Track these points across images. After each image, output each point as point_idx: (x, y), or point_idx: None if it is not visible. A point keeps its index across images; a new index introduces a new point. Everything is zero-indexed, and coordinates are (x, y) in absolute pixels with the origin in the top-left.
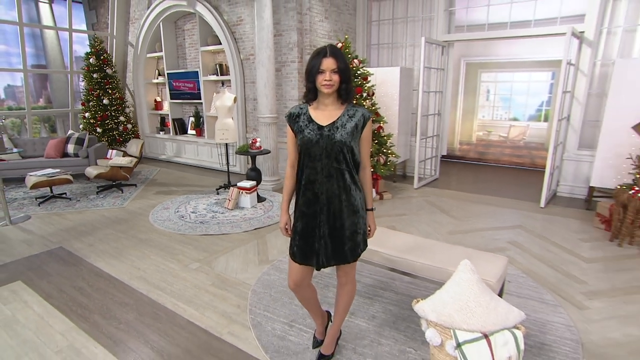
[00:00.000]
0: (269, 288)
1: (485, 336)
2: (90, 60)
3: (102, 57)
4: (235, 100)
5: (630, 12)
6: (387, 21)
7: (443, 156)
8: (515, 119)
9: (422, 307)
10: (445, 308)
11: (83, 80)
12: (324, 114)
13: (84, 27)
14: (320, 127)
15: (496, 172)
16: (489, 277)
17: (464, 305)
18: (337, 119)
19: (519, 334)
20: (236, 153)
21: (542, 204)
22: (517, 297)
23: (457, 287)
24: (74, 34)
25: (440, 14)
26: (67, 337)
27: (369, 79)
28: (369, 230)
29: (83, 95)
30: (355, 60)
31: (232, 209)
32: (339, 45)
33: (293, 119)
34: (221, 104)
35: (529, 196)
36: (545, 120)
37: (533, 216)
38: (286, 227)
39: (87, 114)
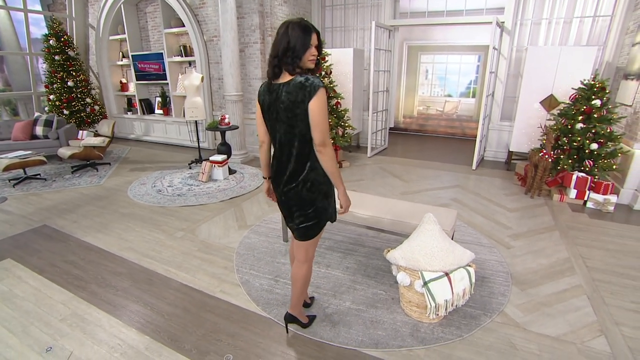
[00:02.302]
0: (251, 250)
1: (446, 274)
2: (50, 42)
3: (62, 39)
4: (202, 79)
5: (537, 8)
6: (339, 6)
7: (390, 128)
8: (449, 96)
9: (393, 255)
10: (413, 254)
11: (44, 63)
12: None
13: (38, 7)
14: None
15: (434, 141)
16: (445, 226)
17: (429, 251)
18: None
19: (472, 270)
20: (206, 129)
21: (474, 167)
22: (462, 242)
23: (422, 236)
24: (29, 15)
25: (387, 1)
26: (69, 306)
27: (327, 59)
28: None
29: (46, 77)
30: None
31: (206, 182)
32: None
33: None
34: (189, 83)
35: (463, 161)
36: (473, 96)
37: (467, 177)
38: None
39: (51, 97)
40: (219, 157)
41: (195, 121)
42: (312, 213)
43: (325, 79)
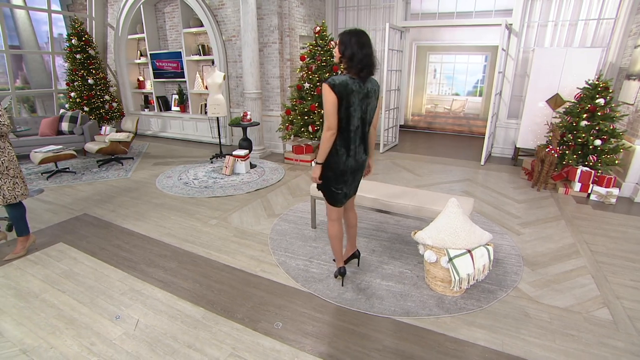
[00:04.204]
0: (283, 235)
1: (469, 251)
2: (72, 41)
3: (83, 39)
4: (224, 77)
5: (544, 10)
6: (352, 7)
7: (400, 126)
8: (456, 94)
9: (421, 236)
10: (439, 234)
11: (66, 61)
12: None
13: (57, 7)
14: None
15: (442, 138)
16: (465, 211)
17: (453, 231)
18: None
19: (490, 249)
20: (229, 125)
21: (482, 162)
22: None
23: (447, 218)
24: (44, 14)
25: (399, 3)
26: (125, 282)
27: None
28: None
29: (67, 75)
30: (332, 42)
31: (229, 175)
32: (318, 29)
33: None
34: (212, 81)
35: (471, 156)
36: (480, 95)
37: (476, 172)
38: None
39: (72, 94)
40: (242, 152)
41: (217, 117)
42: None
43: None
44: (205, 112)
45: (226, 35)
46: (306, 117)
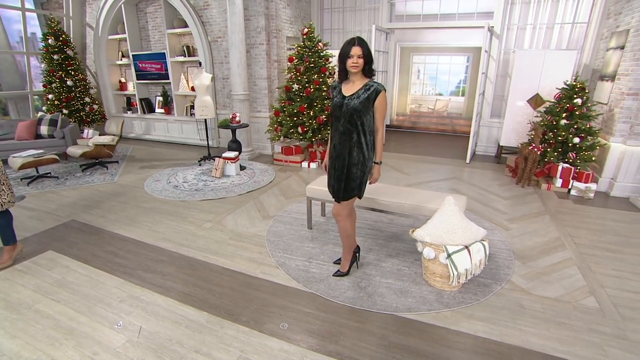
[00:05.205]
0: (280, 237)
1: (466, 247)
2: (49, 41)
3: (61, 38)
4: (212, 79)
5: (522, 13)
6: (338, 9)
7: (385, 125)
8: (440, 94)
9: (419, 233)
10: (437, 231)
11: (43, 62)
12: (351, 87)
13: (30, 5)
14: (343, 97)
15: (427, 137)
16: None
17: (451, 228)
18: (356, 91)
19: (486, 244)
20: (218, 127)
21: (468, 160)
22: None
23: (444, 216)
24: (18, 12)
25: (384, 4)
26: (123, 289)
27: (330, 60)
28: (370, 178)
29: (44, 77)
30: (320, 44)
31: (219, 177)
32: (305, 30)
33: (332, 89)
34: (199, 83)
35: (456, 155)
36: (463, 95)
37: (462, 170)
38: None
39: (50, 96)
40: (231, 154)
41: (205, 119)
42: None
43: (330, 79)
44: (192, 114)
45: (212, 36)
46: (295, 119)
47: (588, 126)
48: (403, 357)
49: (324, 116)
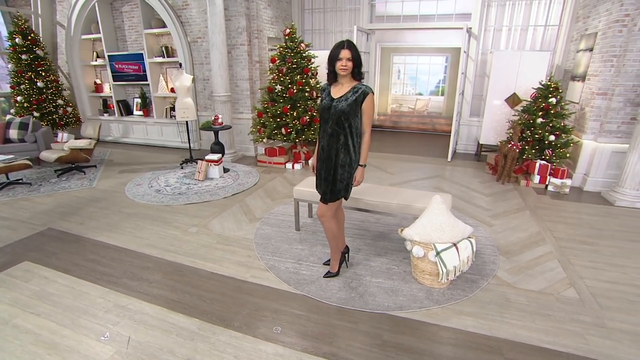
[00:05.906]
0: (268, 239)
1: (454, 245)
2: (16, 40)
3: (29, 37)
4: (193, 80)
5: (498, 16)
6: (319, 10)
7: None
8: (420, 94)
9: (408, 232)
10: (425, 230)
11: (9, 62)
12: (339, 89)
13: None
14: (332, 99)
15: (408, 137)
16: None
17: (439, 226)
18: (344, 93)
19: (473, 241)
20: (200, 129)
21: (449, 158)
22: None
23: (432, 214)
24: None
25: (364, 5)
26: (108, 299)
27: (313, 60)
28: (354, 181)
29: (11, 78)
30: (302, 44)
31: (202, 180)
32: (287, 31)
33: (322, 91)
34: (180, 84)
35: (437, 153)
36: (442, 94)
37: (444, 168)
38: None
39: (19, 98)
40: (214, 156)
41: (187, 121)
42: None
43: (312, 79)
44: (172, 116)
45: (191, 37)
46: (279, 120)
47: (562, 124)
48: (397, 355)
49: (307, 117)
